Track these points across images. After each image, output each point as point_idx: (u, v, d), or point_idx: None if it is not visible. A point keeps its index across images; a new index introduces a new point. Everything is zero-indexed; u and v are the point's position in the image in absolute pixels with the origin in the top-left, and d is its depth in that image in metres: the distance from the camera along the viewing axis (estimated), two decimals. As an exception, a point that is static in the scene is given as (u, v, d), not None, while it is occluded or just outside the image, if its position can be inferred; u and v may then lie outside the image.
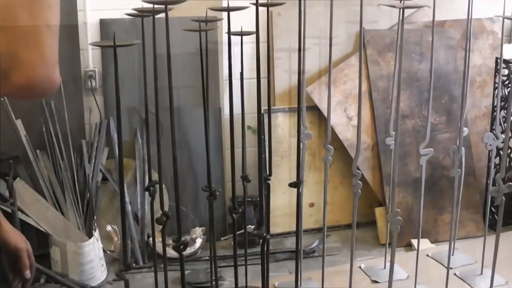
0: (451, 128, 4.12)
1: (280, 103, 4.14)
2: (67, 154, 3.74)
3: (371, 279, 3.04)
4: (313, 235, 4.11)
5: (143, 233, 3.80)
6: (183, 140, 3.95)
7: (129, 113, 3.93)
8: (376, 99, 4.06)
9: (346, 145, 4.01)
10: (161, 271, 2.33)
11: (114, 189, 3.86)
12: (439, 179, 4.07)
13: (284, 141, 4.09)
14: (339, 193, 4.24)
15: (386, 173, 3.98)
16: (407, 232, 3.92)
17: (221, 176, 4.08)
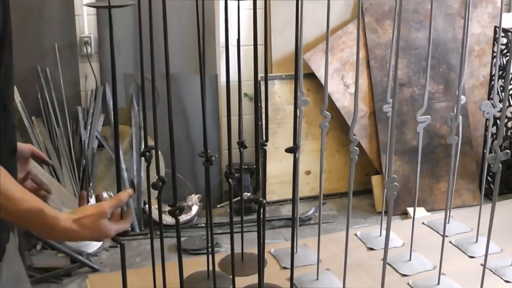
0: (449, 97, 4.11)
1: (277, 70, 4.12)
2: (62, 121, 3.73)
3: (367, 246, 3.06)
4: (309, 203, 4.13)
5: (139, 200, 3.81)
6: (179, 107, 3.94)
7: (125, 80, 3.91)
8: (374, 67, 4.05)
9: (343, 113, 4.01)
10: (157, 237, 2.33)
11: (110, 156, 3.86)
12: (435, 147, 4.08)
13: (280, 109, 4.08)
14: (336, 160, 4.25)
15: (383, 141, 3.98)
16: (403, 201, 3.94)
17: (218, 144, 4.08)
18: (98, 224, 1.38)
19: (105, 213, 1.40)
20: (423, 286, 2.65)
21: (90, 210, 1.39)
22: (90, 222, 1.37)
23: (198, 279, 2.72)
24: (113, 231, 1.43)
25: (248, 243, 3.00)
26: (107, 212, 1.41)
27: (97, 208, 1.40)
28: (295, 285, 2.64)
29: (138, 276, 2.72)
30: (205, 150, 2.22)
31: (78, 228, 1.35)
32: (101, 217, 1.39)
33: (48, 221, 1.31)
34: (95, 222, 1.38)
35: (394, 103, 1.58)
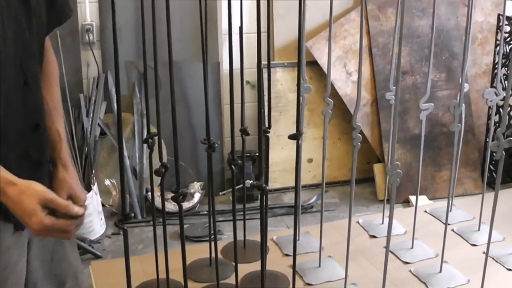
0: (451, 85, 4.10)
1: (279, 58, 4.11)
2: (65, 108, 3.72)
3: (369, 234, 3.05)
4: (311, 191, 4.13)
5: (142, 188, 3.81)
6: (181, 95, 3.93)
7: (127, 67, 3.91)
8: (376, 55, 4.04)
9: (345, 101, 4.00)
10: (160, 225, 2.33)
11: (112, 143, 3.86)
12: (438, 136, 4.07)
13: (282, 97, 4.07)
14: (338, 148, 4.24)
15: (385, 129, 3.98)
16: (405, 189, 3.94)
17: (220, 132, 4.08)
18: (28, 201, 1.31)
19: (45, 198, 1.33)
20: (425, 273, 2.65)
21: (34, 186, 1.33)
22: (25, 193, 1.31)
23: (201, 266, 2.72)
24: (37, 221, 1.32)
25: (250, 231, 3.00)
26: (49, 199, 1.33)
27: (41, 190, 1.33)
28: (298, 272, 2.64)
29: (141, 263, 2.72)
30: (208, 136, 2.21)
31: (10, 191, 1.30)
32: (38, 198, 1.32)
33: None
34: (28, 197, 1.31)
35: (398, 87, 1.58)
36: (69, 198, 1.55)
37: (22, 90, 1.41)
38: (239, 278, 2.40)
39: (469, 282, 2.58)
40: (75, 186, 1.59)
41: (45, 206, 1.33)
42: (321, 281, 2.63)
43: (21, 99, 1.41)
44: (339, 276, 2.64)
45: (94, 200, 3.51)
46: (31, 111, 1.46)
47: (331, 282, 2.62)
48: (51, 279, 1.69)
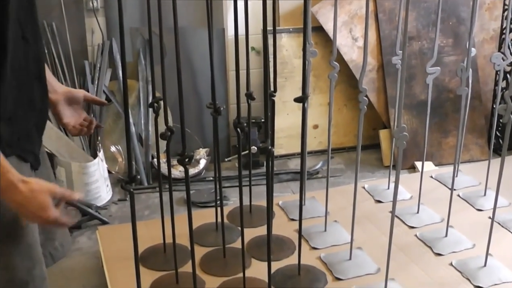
0: (458, 51, 4.07)
1: (284, 24, 4.09)
2: (70, 75, 3.72)
3: (374, 199, 3.07)
4: (316, 157, 4.13)
5: (147, 154, 3.82)
6: (186, 61, 3.92)
7: (132, 34, 3.89)
8: (382, 20, 4.00)
9: (351, 66, 3.98)
10: (166, 191, 2.35)
11: (118, 110, 3.86)
12: (444, 102, 4.06)
13: (288, 63, 4.05)
14: (343, 115, 4.24)
15: (391, 95, 3.96)
16: (411, 154, 3.94)
17: (225, 98, 4.07)
18: (44, 196, 1.41)
19: (55, 192, 1.43)
20: (430, 238, 2.67)
21: (43, 182, 1.43)
22: (38, 190, 1.40)
23: (207, 231, 2.75)
24: (53, 214, 1.43)
25: (256, 196, 3.02)
26: (57, 193, 1.44)
27: (49, 185, 1.43)
28: (303, 236, 2.66)
29: (147, 228, 2.75)
30: (213, 100, 2.21)
31: (24, 189, 1.38)
32: (50, 193, 1.42)
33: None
34: (42, 193, 1.40)
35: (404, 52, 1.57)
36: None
37: (22, 44, 1.49)
38: (245, 242, 2.43)
39: (474, 247, 2.60)
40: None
41: (53, 198, 1.44)
42: (327, 245, 2.66)
43: (22, 52, 1.49)
44: (345, 240, 2.66)
45: (100, 167, 3.53)
46: (31, 63, 1.54)
47: (336, 246, 2.65)
48: (43, 229, 1.75)
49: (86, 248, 3.10)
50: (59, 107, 1.81)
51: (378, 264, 2.46)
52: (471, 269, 2.42)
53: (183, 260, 2.42)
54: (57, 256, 1.83)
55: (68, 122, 1.84)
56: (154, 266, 2.50)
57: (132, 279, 1.80)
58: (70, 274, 2.86)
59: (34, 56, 1.56)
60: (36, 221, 1.47)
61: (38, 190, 1.40)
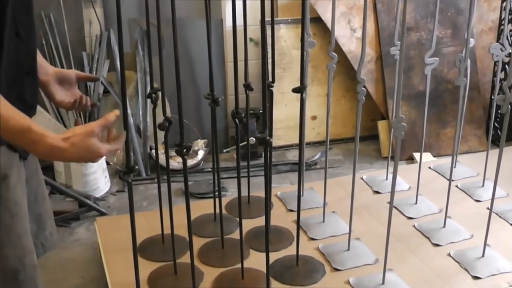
0: (456, 42, 4.07)
1: (282, 15, 4.08)
2: (67, 66, 3.71)
3: (373, 190, 3.07)
4: (315, 148, 4.13)
5: (146, 146, 3.82)
6: (184, 52, 3.91)
7: (130, 25, 3.88)
8: (381, 11, 4.00)
9: (350, 57, 3.97)
10: (164, 182, 2.35)
11: (116, 101, 3.85)
12: (443, 92, 4.05)
13: (286, 54, 4.05)
14: (342, 106, 4.23)
15: (389, 86, 3.96)
16: (409, 145, 3.94)
17: (223, 89, 4.06)
18: (87, 142, 1.42)
19: (93, 132, 1.44)
20: (428, 228, 2.67)
21: (78, 129, 1.43)
22: (79, 140, 1.41)
23: (205, 222, 2.75)
24: (104, 150, 1.46)
25: (254, 187, 3.02)
26: (95, 130, 1.44)
27: (85, 127, 1.44)
28: (302, 227, 2.66)
29: (146, 219, 2.75)
30: (211, 91, 2.21)
31: (67, 145, 1.40)
32: (90, 135, 1.43)
33: (35, 137, 1.36)
34: (84, 140, 1.42)
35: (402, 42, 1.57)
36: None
37: (16, 40, 1.49)
38: (244, 233, 2.43)
39: (472, 237, 2.60)
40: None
41: (96, 136, 1.46)
42: (325, 236, 2.66)
43: (15, 49, 1.49)
44: (343, 231, 2.67)
45: (99, 158, 3.52)
46: (24, 59, 1.54)
47: (335, 237, 2.65)
48: (36, 219, 1.77)
49: (85, 239, 3.10)
50: (50, 88, 1.81)
51: (376, 254, 2.46)
52: (469, 260, 2.42)
53: (182, 251, 2.43)
54: (47, 246, 1.83)
55: (61, 100, 1.83)
56: (152, 257, 2.50)
57: (130, 270, 1.80)
58: (69, 265, 2.86)
59: (26, 52, 1.56)
60: (95, 161, 1.50)
61: (79, 141, 1.41)
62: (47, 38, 3.66)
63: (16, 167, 1.55)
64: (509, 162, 3.09)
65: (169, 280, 2.32)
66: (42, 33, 3.65)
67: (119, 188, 3.63)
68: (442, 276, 2.34)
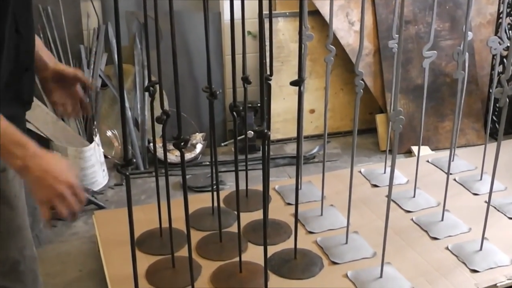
0: (455, 35, 4.06)
1: (281, 8, 4.07)
2: (65, 60, 3.70)
3: (371, 183, 3.07)
4: (313, 141, 4.13)
5: (144, 139, 3.81)
6: (182, 45, 3.90)
7: (127, 18, 3.87)
8: (379, 4, 3.99)
9: (348, 50, 3.97)
10: (162, 175, 2.34)
11: (114, 94, 3.85)
12: (441, 86, 4.05)
13: (284, 47, 4.04)
14: (340, 99, 4.23)
15: (387, 79, 3.95)
16: (408, 139, 3.94)
17: (221, 82, 4.06)
18: (57, 170, 1.39)
19: (70, 183, 1.40)
20: (427, 222, 2.67)
21: (64, 163, 1.42)
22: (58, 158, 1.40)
23: (203, 215, 2.75)
24: (64, 182, 1.40)
25: (252, 181, 3.02)
26: (72, 182, 1.40)
27: (70, 175, 1.41)
28: (300, 221, 2.66)
29: (144, 212, 2.74)
30: (209, 84, 2.21)
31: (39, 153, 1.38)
32: (66, 172, 1.40)
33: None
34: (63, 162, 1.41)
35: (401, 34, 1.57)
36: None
37: (15, 37, 1.49)
38: (242, 226, 2.43)
39: (470, 231, 2.61)
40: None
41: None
42: (323, 229, 2.66)
43: (14, 45, 1.48)
44: (341, 224, 2.66)
45: (97, 151, 3.52)
46: (22, 56, 1.54)
47: (333, 230, 2.65)
48: (32, 212, 1.79)
49: (83, 232, 3.10)
50: (48, 85, 1.80)
51: (374, 248, 2.47)
52: (467, 253, 2.42)
53: (180, 244, 2.43)
54: (42, 238, 1.84)
55: (55, 101, 1.81)
56: (150, 250, 2.50)
57: (128, 263, 1.80)
58: (67, 258, 2.86)
59: (25, 48, 1.55)
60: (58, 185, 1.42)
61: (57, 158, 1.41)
62: (45, 32, 3.65)
63: None
64: (507, 155, 3.10)
65: (167, 273, 2.33)
66: (39, 27, 3.64)
67: (117, 181, 3.63)
68: (440, 270, 2.34)
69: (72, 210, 1.41)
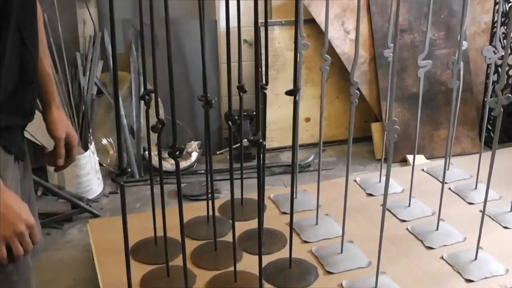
0: (450, 44, 4.07)
1: (276, 16, 4.07)
2: (61, 67, 3.69)
3: (366, 192, 3.07)
4: (308, 150, 4.13)
5: (139, 146, 3.80)
6: (178, 53, 3.90)
7: (123, 25, 3.87)
8: (374, 13, 3.99)
9: (343, 59, 3.97)
10: (157, 183, 2.34)
11: (109, 102, 3.84)
12: (436, 94, 4.05)
13: (280, 55, 4.04)
14: (335, 107, 4.23)
15: (383, 87, 3.96)
16: (403, 148, 3.94)
17: (217, 90, 4.05)
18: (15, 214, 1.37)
19: (31, 221, 1.39)
20: (422, 231, 2.67)
21: (24, 204, 1.41)
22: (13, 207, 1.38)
23: (198, 224, 2.74)
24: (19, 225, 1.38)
25: (248, 189, 3.01)
26: (32, 223, 1.40)
27: (30, 215, 1.40)
28: (295, 230, 2.65)
29: (139, 220, 2.73)
30: (205, 92, 2.21)
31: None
32: (22, 215, 1.39)
33: None
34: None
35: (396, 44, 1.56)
36: (67, 136, 1.73)
37: (20, 49, 1.46)
38: (237, 235, 2.42)
39: (465, 240, 2.60)
40: (70, 125, 1.76)
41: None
42: (318, 239, 2.65)
43: (18, 56, 1.46)
44: (336, 233, 2.66)
45: (92, 159, 3.51)
46: (26, 68, 1.51)
47: (328, 239, 2.64)
48: None
49: (77, 240, 3.08)
50: None
51: (369, 257, 2.46)
52: (462, 262, 2.42)
53: (174, 253, 2.42)
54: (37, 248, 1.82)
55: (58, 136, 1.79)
56: (145, 259, 2.49)
57: (122, 272, 1.79)
58: (61, 266, 2.85)
59: (31, 61, 1.53)
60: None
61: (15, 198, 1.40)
62: (41, 39, 3.64)
63: (11, 168, 1.54)
64: (502, 164, 3.10)
65: (162, 282, 2.31)
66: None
67: (112, 189, 3.62)
68: (435, 279, 2.34)
69: (27, 250, 1.42)
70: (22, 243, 1.40)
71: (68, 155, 1.77)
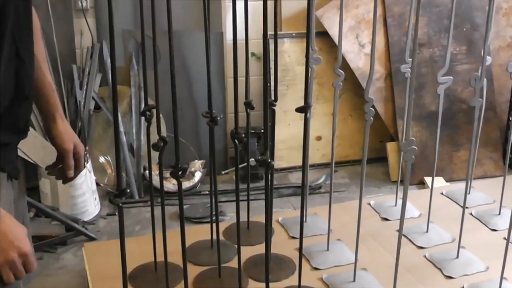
0: (472, 59, 4.08)
1: (287, 28, 4.10)
2: (56, 80, 3.72)
3: (380, 216, 3.07)
4: (319, 170, 4.14)
5: (139, 165, 3.82)
6: (182, 66, 3.93)
7: (124, 36, 3.89)
8: (391, 25, 4.02)
9: (357, 74, 3.99)
10: (158, 205, 2.34)
11: (108, 118, 3.86)
12: (456, 113, 4.06)
13: (290, 70, 4.06)
14: (348, 125, 4.24)
15: (399, 105, 3.97)
16: (420, 169, 3.94)
17: (223, 106, 4.08)
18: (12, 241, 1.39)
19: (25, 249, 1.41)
20: (441, 259, 2.66)
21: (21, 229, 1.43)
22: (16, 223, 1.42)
23: (201, 248, 2.74)
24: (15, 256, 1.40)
25: (255, 212, 3.01)
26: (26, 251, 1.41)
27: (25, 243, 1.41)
28: (304, 256, 2.65)
29: (138, 244, 2.74)
30: (210, 109, 2.22)
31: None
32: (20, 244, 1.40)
33: None
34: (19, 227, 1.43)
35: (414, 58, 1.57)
36: (74, 147, 1.81)
37: (15, 62, 1.48)
38: (242, 261, 2.42)
39: (488, 269, 2.59)
40: (75, 134, 1.83)
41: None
42: (329, 266, 2.65)
43: (14, 70, 1.48)
44: (349, 260, 2.65)
45: (88, 178, 3.52)
46: (22, 82, 1.53)
47: (340, 266, 2.64)
48: None
49: (71, 266, 3.09)
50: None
51: (384, 286, 2.45)
52: (484, 293, 2.41)
53: (176, 279, 2.41)
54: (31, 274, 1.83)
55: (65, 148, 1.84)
56: (144, 285, 2.49)
57: (120, 299, 1.80)
58: (54, 293, 2.86)
59: (26, 75, 1.55)
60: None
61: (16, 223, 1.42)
62: (36, 50, 3.68)
63: (3, 187, 1.55)
64: (527, 188, 3.09)
65: (162, 311, 2.32)
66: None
67: (110, 211, 3.63)
68: (455, 311, 2.33)
69: (19, 278, 1.42)
70: (14, 272, 1.40)
71: (77, 165, 1.83)
